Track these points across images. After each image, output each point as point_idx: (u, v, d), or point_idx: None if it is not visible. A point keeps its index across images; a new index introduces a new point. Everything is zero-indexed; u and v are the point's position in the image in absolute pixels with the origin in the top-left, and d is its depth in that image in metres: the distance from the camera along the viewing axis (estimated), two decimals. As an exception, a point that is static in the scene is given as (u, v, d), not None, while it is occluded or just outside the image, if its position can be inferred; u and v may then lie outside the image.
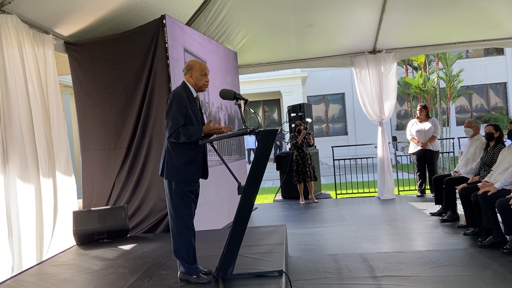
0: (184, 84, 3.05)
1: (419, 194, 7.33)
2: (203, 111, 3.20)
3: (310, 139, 7.81)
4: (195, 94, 3.05)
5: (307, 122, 8.17)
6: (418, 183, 7.40)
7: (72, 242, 4.55)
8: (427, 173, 7.19)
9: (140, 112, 4.93)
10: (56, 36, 4.74)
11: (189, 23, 6.01)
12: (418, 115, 7.23)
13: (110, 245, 4.45)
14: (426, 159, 7.11)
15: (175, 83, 4.59)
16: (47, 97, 4.39)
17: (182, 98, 2.93)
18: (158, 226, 4.84)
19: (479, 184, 4.51)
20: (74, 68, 5.11)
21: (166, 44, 4.70)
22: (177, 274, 3.07)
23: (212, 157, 5.18)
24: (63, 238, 4.45)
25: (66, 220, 4.51)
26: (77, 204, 4.85)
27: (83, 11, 4.63)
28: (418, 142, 7.09)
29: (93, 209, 4.76)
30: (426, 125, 7.09)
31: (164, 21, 4.70)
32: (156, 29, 4.76)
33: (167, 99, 2.99)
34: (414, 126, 7.22)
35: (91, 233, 4.57)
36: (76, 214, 4.56)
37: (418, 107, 7.38)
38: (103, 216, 4.61)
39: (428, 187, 7.19)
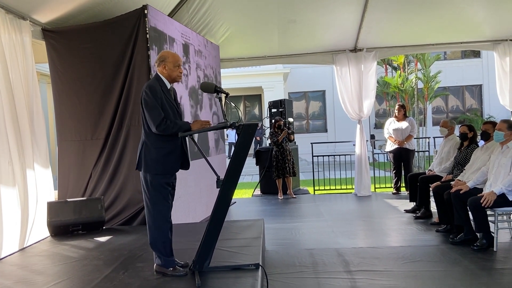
0: (157, 76, 3.03)
1: (394, 191, 7.48)
2: (179, 102, 3.19)
3: (291, 136, 7.88)
4: (168, 86, 3.03)
5: (289, 121, 8.21)
6: (394, 180, 7.54)
7: (46, 233, 4.47)
8: (402, 171, 7.34)
9: (118, 103, 4.86)
10: (34, 22, 4.61)
11: (171, 15, 5.94)
12: (396, 114, 7.36)
13: (85, 236, 4.38)
14: (402, 157, 7.25)
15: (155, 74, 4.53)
16: (26, 85, 4.29)
17: (156, 90, 2.92)
18: (134, 218, 4.79)
19: (452, 183, 4.63)
20: (51, 56, 4.99)
21: (147, 35, 4.64)
22: (153, 266, 3.06)
23: (192, 150, 5.15)
24: (37, 229, 4.36)
25: (42, 210, 4.42)
26: (53, 195, 4.76)
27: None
28: (395, 140, 7.22)
29: (68, 200, 4.68)
30: (404, 124, 7.23)
31: (145, 11, 4.64)
32: (137, 19, 4.69)
33: (141, 92, 2.96)
34: (391, 125, 7.35)
35: (66, 224, 4.49)
36: (51, 205, 4.47)
37: (397, 106, 7.51)
38: (78, 208, 4.54)
39: (403, 185, 7.34)
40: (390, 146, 7.35)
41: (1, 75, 3.92)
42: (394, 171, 7.50)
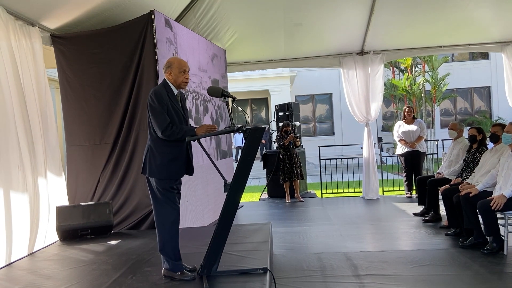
0: (165, 81, 3.05)
1: (409, 194, 7.33)
2: (186, 107, 3.20)
3: (297, 141, 7.87)
4: (175, 92, 3.05)
5: (295, 125, 8.21)
6: (405, 184, 7.42)
7: (55, 237, 4.50)
8: (413, 174, 7.24)
9: (127, 108, 4.89)
10: (42, 28, 4.67)
11: (178, 19, 5.98)
12: (406, 116, 7.25)
13: (94, 241, 4.41)
14: (413, 160, 7.13)
15: (162, 79, 4.56)
16: (37, 91, 4.34)
17: (162, 96, 2.93)
18: (143, 222, 4.81)
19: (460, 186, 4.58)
20: (60, 61, 5.04)
21: (155, 40, 4.67)
22: (161, 270, 3.06)
23: (199, 154, 5.17)
24: (47, 233, 4.39)
25: (52, 215, 4.45)
26: (67, 200, 4.81)
27: (70, 4, 4.57)
28: (406, 143, 7.13)
29: (77, 204, 4.71)
30: (413, 127, 7.15)
31: (152, 17, 4.67)
32: (144, 25, 4.72)
33: (148, 98, 2.98)
34: (401, 128, 7.26)
35: (75, 229, 4.52)
36: (60, 210, 4.50)
37: (406, 109, 7.41)
38: (87, 212, 4.57)
39: (414, 188, 7.24)
40: (401, 149, 7.24)
41: (12, 80, 3.96)
42: (405, 175, 7.39)
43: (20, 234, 3.97)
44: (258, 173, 11.52)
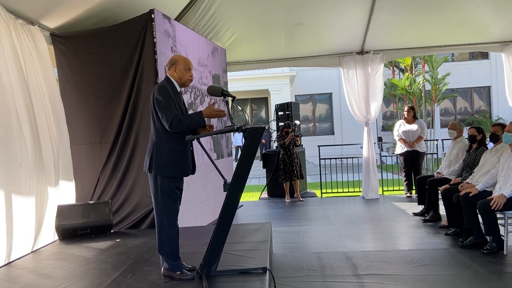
0: (168, 78, 3.03)
1: (409, 194, 7.34)
2: (186, 106, 3.20)
3: (297, 140, 7.86)
4: (178, 89, 3.04)
5: (295, 124, 8.20)
6: (405, 183, 7.43)
7: (55, 237, 4.50)
8: (412, 174, 7.24)
9: (127, 107, 4.88)
10: (42, 27, 4.66)
11: (178, 19, 5.97)
12: (406, 116, 7.27)
13: (93, 240, 4.40)
14: (413, 160, 7.14)
15: (162, 79, 4.56)
16: (46, 89, 4.34)
17: (168, 90, 2.92)
18: (142, 222, 4.81)
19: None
20: (60, 60, 5.03)
21: (154, 39, 4.67)
22: (161, 270, 3.06)
23: (199, 155, 5.17)
24: (46, 232, 4.38)
25: (52, 214, 4.46)
26: (75, 199, 4.82)
27: (70, 3, 4.57)
28: (406, 143, 7.13)
29: (76, 203, 4.71)
30: (414, 127, 7.14)
31: (152, 16, 4.66)
32: (144, 24, 4.72)
33: (152, 92, 2.96)
34: (401, 127, 7.26)
35: (74, 228, 4.52)
36: (59, 209, 4.50)
37: (406, 108, 7.41)
38: (86, 211, 4.57)
39: (414, 187, 7.23)
40: (401, 148, 7.24)
41: (16, 79, 3.95)
42: (405, 174, 7.39)
43: (20, 233, 3.96)
44: (258, 173, 11.53)
